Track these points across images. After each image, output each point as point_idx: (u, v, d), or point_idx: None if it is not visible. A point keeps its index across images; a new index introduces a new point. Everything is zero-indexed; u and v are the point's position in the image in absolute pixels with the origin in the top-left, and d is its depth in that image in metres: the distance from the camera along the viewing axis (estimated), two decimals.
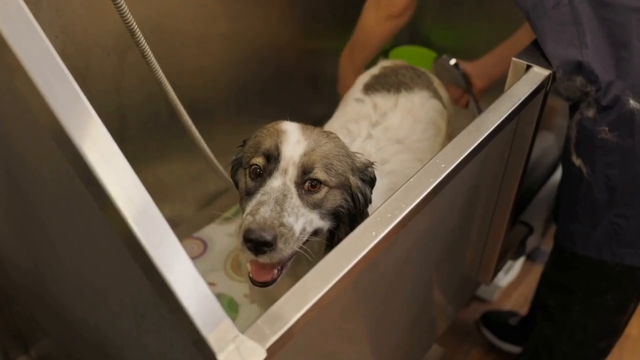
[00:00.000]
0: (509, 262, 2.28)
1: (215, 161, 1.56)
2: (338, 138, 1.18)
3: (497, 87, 1.52)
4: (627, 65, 1.30)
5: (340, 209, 1.14)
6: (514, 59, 1.34)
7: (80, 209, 0.87)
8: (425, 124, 1.56)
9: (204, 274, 1.82)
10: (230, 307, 1.77)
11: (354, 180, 1.15)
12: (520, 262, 2.38)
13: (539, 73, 1.31)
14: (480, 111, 1.80)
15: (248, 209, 1.06)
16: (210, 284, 1.82)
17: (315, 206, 1.09)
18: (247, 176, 1.12)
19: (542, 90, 1.32)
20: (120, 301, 1.00)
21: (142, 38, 1.24)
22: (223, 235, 1.99)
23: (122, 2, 1.16)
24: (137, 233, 0.73)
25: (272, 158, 1.09)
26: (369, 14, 1.80)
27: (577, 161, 1.38)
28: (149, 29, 1.65)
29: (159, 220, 0.76)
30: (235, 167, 1.19)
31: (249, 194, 1.10)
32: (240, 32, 1.94)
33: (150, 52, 1.27)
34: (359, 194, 1.16)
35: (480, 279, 1.77)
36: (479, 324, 2.23)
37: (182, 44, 1.76)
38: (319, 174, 1.09)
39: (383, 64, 1.80)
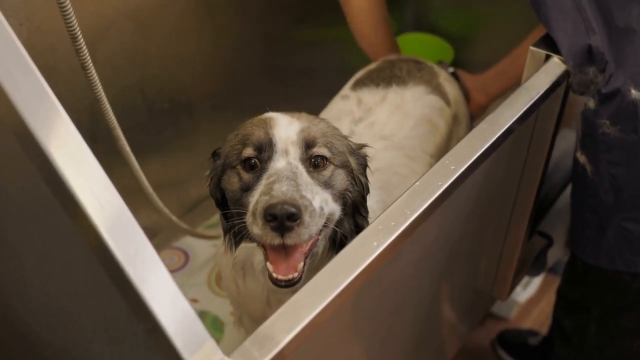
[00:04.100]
0: (528, 277, 2.28)
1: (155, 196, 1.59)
2: (328, 120, 1.20)
3: None
4: (628, 53, 1.31)
5: (347, 193, 1.14)
6: (531, 47, 1.35)
7: (47, 217, 0.87)
8: (416, 121, 1.58)
9: (185, 288, 1.85)
10: (215, 326, 1.78)
11: (353, 162, 1.17)
12: (540, 275, 2.38)
13: (559, 63, 1.31)
14: None
15: (254, 198, 1.04)
16: (192, 301, 1.83)
17: (326, 185, 1.10)
18: (240, 172, 1.11)
19: (563, 82, 1.32)
20: (92, 321, 1.00)
21: (84, 45, 1.26)
22: (207, 245, 2.00)
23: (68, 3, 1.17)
24: (110, 243, 0.74)
25: (265, 146, 1.09)
26: None
27: (581, 158, 1.39)
28: (123, 14, 1.66)
29: (134, 229, 0.76)
30: (215, 179, 1.17)
31: (248, 188, 1.08)
32: (225, 19, 1.95)
33: (90, 63, 1.29)
34: (360, 178, 1.17)
35: (495, 294, 1.77)
36: (495, 345, 2.24)
37: (161, 31, 1.77)
38: (323, 150, 1.10)
39: (386, 57, 1.81)
